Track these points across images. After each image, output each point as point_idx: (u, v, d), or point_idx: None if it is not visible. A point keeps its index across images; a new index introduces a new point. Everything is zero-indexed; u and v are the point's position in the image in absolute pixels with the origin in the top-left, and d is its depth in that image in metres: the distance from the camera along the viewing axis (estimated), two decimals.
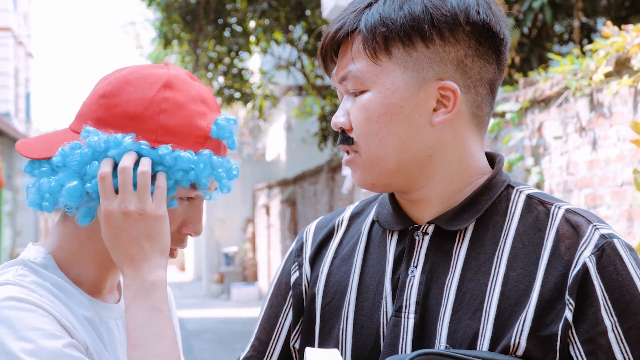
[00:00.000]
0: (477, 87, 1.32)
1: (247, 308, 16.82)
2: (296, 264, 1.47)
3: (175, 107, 1.38)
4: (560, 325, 1.22)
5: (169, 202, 1.38)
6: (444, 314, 1.28)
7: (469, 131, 1.33)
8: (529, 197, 1.33)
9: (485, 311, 1.25)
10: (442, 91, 1.29)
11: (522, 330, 1.23)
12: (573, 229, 1.27)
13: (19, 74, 31.52)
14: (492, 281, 1.27)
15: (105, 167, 1.34)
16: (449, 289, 1.29)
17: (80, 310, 1.38)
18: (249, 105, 15.21)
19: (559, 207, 1.31)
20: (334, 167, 11.23)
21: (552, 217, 1.30)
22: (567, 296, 1.23)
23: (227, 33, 13.79)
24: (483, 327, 1.25)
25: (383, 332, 1.32)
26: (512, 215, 1.32)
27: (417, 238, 1.34)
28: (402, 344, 1.30)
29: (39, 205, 1.41)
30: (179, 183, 1.37)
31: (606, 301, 1.22)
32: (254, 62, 18.83)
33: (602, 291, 1.23)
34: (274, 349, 1.44)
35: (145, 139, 1.36)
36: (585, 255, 1.24)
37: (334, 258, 1.43)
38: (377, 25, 1.29)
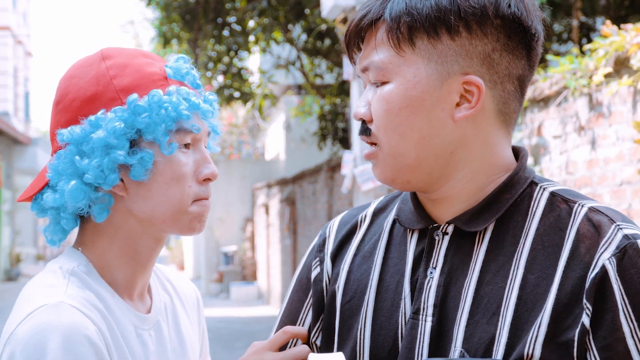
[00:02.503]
0: (504, 82, 1.26)
1: (246, 307, 16.82)
2: (317, 259, 1.44)
3: (122, 68, 1.40)
4: (577, 330, 1.16)
5: (168, 148, 1.38)
6: (460, 317, 1.23)
7: (494, 128, 1.27)
8: (552, 195, 1.27)
9: (502, 316, 1.20)
10: (467, 86, 1.24)
11: (536, 337, 1.17)
12: (594, 228, 1.21)
13: (18, 73, 31.51)
14: (510, 284, 1.22)
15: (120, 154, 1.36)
16: (467, 292, 1.24)
17: (118, 327, 1.38)
18: (248, 104, 15.20)
19: (582, 206, 1.24)
20: (333, 167, 11.23)
21: (574, 216, 1.23)
22: (584, 300, 1.17)
23: (226, 32, 13.78)
24: (499, 333, 1.20)
25: (401, 333, 1.29)
26: (534, 215, 1.25)
27: (436, 238, 1.29)
28: (419, 347, 1.26)
29: (60, 232, 1.43)
30: (167, 127, 1.38)
31: (626, 306, 1.16)
32: (253, 62, 18.82)
33: (622, 295, 1.16)
34: (295, 343, 1.40)
35: (113, 107, 1.38)
36: (605, 257, 1.17)
37: (355, 255, 1.39)
38: (401, 15, 1.24)
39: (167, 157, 1.39)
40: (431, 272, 1.28)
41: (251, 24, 13.71)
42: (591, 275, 1.17)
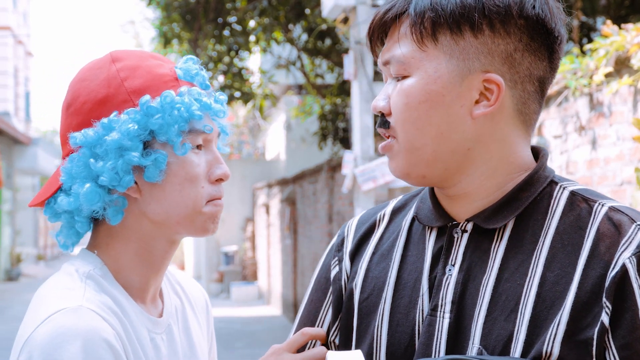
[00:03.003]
0: (524, 83, 1.26)
1: (246, 307, 16.82)
2: (336, 258, 1.44)
3: (133, 70, 1.41)
4: (597, 329, 1.16)
5: (182, 149, 1.39)
6: (478, 314, 1.24)
7: (513, 127, 1.28)
8: (572, 194, 1.28)
9: (520, 313, 1.21)
10: (487, 84, 1.25)
11: (555, 335, 1.17)
12: (615, 227, 1.21)
13: (19, 73, 31.51)
14: (528, 282, 1.22)
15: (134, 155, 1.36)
16: (485, 289, 1.24)
17: (134, 331, 1.38)
18: (249, 104, 15.21)
19: (602, 205, 1.25)
20: (334, 167, 11.23)
21: (594, 215, 1.24)
22: (604, 299, 1.17)
23: (226, 32, 13.78)
24: (517, 330, 1.20)
25: (418, 330, 1.29)
26: (553, 213, 1.26)
27: (455, 236, 1.30)
28: (436, 344, 1.26)
29: (75, 235, 1.43)
30: (180, 128, 1.38)
31: None
32: (253, 62, 18.82)
33: None
34: (314, 344, 1.40)
35: (125, 109, 1.38)
36: (626, 256, 1.18)
37: (373, 254, 1.40)
38: (426, 10, 1.25)
39: (180, 158, 1.40)
40: (450, 269, 1.28)
41: (252, 23, 13.71)
42: (611, 274, 1.17)
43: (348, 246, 1.44)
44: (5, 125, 22.44)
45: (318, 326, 1.42)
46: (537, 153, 1.33)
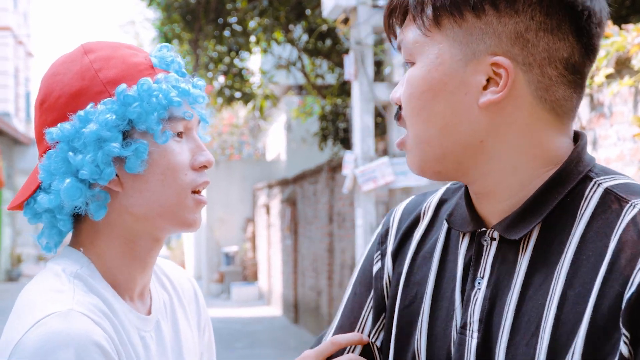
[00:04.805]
0: (542, 66, 1.10)
1: (247, 308, 16.81)
2: (379, 252, 1.32)
3: (106, 60, 1.38)
4: None
5: (162, 137, 1.36)
6: (501, 337, 1.09)
7: (536, 116, 1.11)
8: (606, 192, 1.09)
9: (540, 338, 1.05)
10: (495, 68, 1.10)
11: None
12: (639, 235, 1.01)
13: (19, 74, 31.52)
14: (549, 301, 1.05)
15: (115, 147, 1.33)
16: (508, 309, 1.10)
17: (124, 331, 1.35)
18: (249, 105, 15.20)
19: (634, 206, 1.05)
20: (334, 167, 11.23)
21: (621, 219, 1.04)
22: (620, 325, 0.98)
23: (227, 33, 13.78)
24: (537, 357, 1.05)
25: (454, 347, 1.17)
26: (581, 217, 1.08)
27: (484, 244, 1.16)
28: None
29: (57, 235, 1.40)
30: (159, 115, 1.35)
31: None
32: (254, 62, 18.82)
33: None
34: (354, 349, 1.30)
35: (101, 100, 1.35)
36: None
37: (415, 253, 1.27)
38: None
39: (162, 147, 1.36)
40: (479, 283, 1.15)
41: (252, 24, 13.71)
42: (627, 294, 0.99)
43: (391, 240, 1.32)
44: (6, 126, 22.44)
45: (361, 324, 1.31)
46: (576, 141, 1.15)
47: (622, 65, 4.37)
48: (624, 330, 0.98)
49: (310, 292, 13.42)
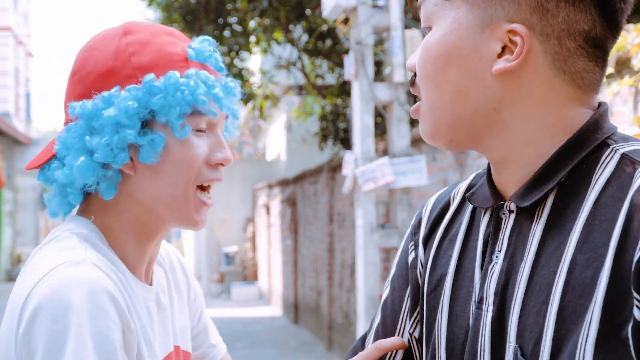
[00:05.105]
0: (561, 38, 1.07)
1: (247, 308, 16.82)
2: (412, 243, 1.32)
3: (143, 45, 1.37)
4: (630, 327, 0.95)
5: (181, 132, 1.36)
6: (513, 308, 1.07)
7: (553, 87, 1.08)
8: (623, 157, 1.05)
9: (550, 305, 1.02)
10: (511, 35, 1.08)
11: (587, 336, 0.98)
12: None
13: (19, 74, 31.52)
14: (560, 267, 1.03)
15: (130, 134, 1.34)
16: (521, 279, 1.08)
17: (130, 298, 1.35)
18: (249, 105, 15.20)
19: None
20: (334, 167, 11.23)
21: (634, 182, 1.01)
22: (632, 289, 0.96)
23: (227, 33, 13.78)
24: (546, 325, 1.02)
25: None
26: (595, 183, 1.05)
27: (503, 217, 1.14)
28: (481, 341, 1.11)
29: (64, 205, 1.40)
30: (181, 110, 1.35)
31: None
32: (254, 62, 18.82)
33: None
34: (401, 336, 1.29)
35: (129, 85, 1.35)
36: None
37: (442, 238, 1.26)
38: None
39: (180, 140, 1.36)
40: (496, 256, 1.13)
41: (252, 24, 13.71)
42: (636, 257, 0.96)
43: (422, 229, 1.31)
44: (6, 126, 22.44)
45: (402, 319, 1.30)
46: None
47: (622, 65, 4.37)
48: (635, 294, 0.95)
49: (311, 292, 13.42)
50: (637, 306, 0.95)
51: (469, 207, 1.24)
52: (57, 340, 1.20)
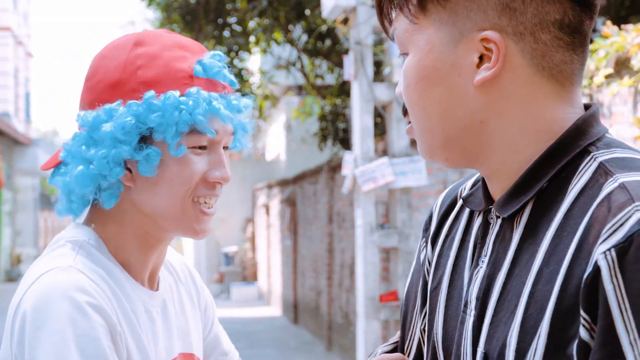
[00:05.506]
0: (535, 33, 1.05)
1: (246, 308, 16.81)
2: (424, 239, 1.32)
3: (150, 59, 1.39)
4: (576, 345, 0.94)
5: (177, 150, 1.37)
6: (487, 314, 1.08)
7: (535, 87, 1.07)
8: (599, 166, 1.03)
9: (515, 316, 1.02)
10: (485, 44, 1.06)
11: (536, 350, 0.98)
12: (608, 210, 0.95)
13: (19, 74, 31.52)
14: (528, 278, 1.02)
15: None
16: (496, 286, 1.08)
17: (128, 302, 1.38)
18: None
19: (615, 180, 0.98)
20: (334, 167, 11.22)
21: (600, 194, 0.98)
22: (580, 307, 0.94)
23: (226, 33, 13.78)
24: (509, 336, 1.02)
25: None
26: (570, 193, 1.03)
27: (491, 222, 1.14)
28: (464, 345, 1.12)
29: (70, 210, 1.43)
30: (178, 129, 1.36)
31: (625, 311, 0.90)
32: (253, 62, 18.82)
33: (620, 298, 0.91)
34: (414, 334, 1.30)
35: (131, 99, 1.36)
36: (602, 250, 0.93)
37: (446, 236, 1.25)
38: None
39: (177, 157, 1.38)
40: (482, 261, 1.13)
41: (252, 24, 13.71)
42: (585, 273, 0.94)
43: (432, 226, 1.30)
44: (6, 126, 22.44)
45: (414, 316, 1.31)
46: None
47: (622, 66, 4.37)
48: (582, 313, 0.94)
49: (310, 292, 13.42)
50: (584, 325, 0.94)
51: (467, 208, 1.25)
52: (38, 346, 1.25)
